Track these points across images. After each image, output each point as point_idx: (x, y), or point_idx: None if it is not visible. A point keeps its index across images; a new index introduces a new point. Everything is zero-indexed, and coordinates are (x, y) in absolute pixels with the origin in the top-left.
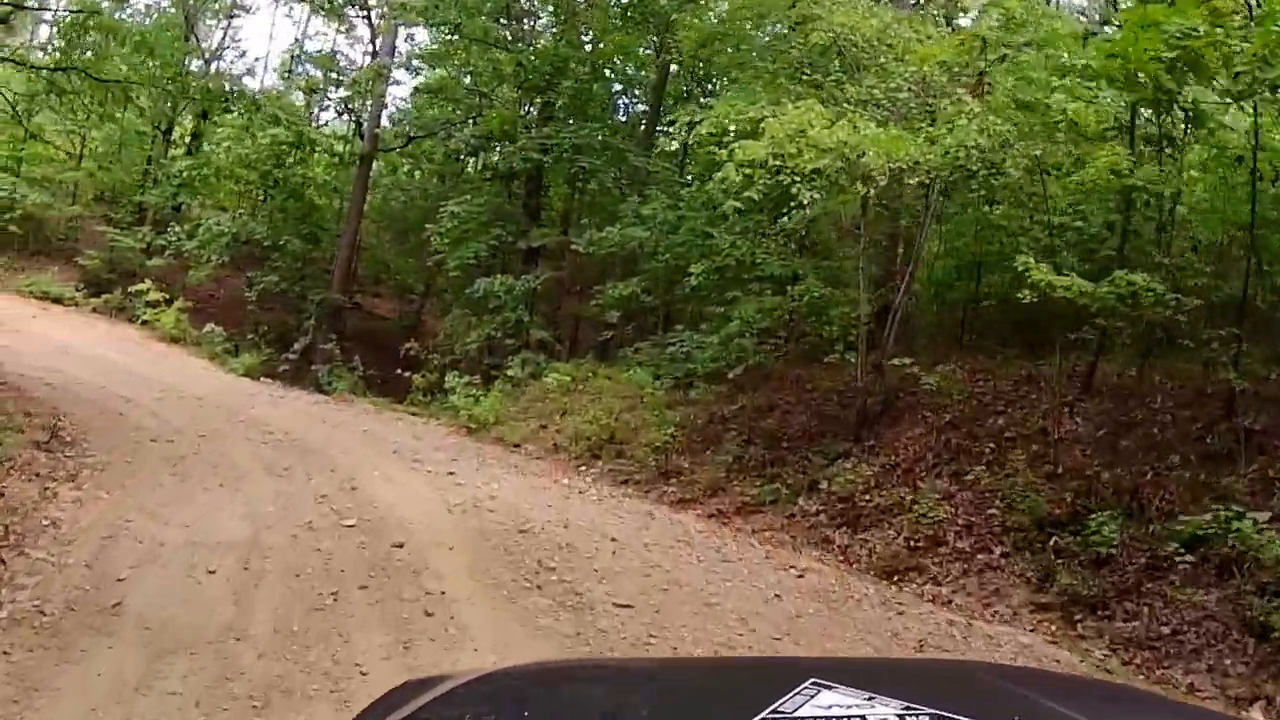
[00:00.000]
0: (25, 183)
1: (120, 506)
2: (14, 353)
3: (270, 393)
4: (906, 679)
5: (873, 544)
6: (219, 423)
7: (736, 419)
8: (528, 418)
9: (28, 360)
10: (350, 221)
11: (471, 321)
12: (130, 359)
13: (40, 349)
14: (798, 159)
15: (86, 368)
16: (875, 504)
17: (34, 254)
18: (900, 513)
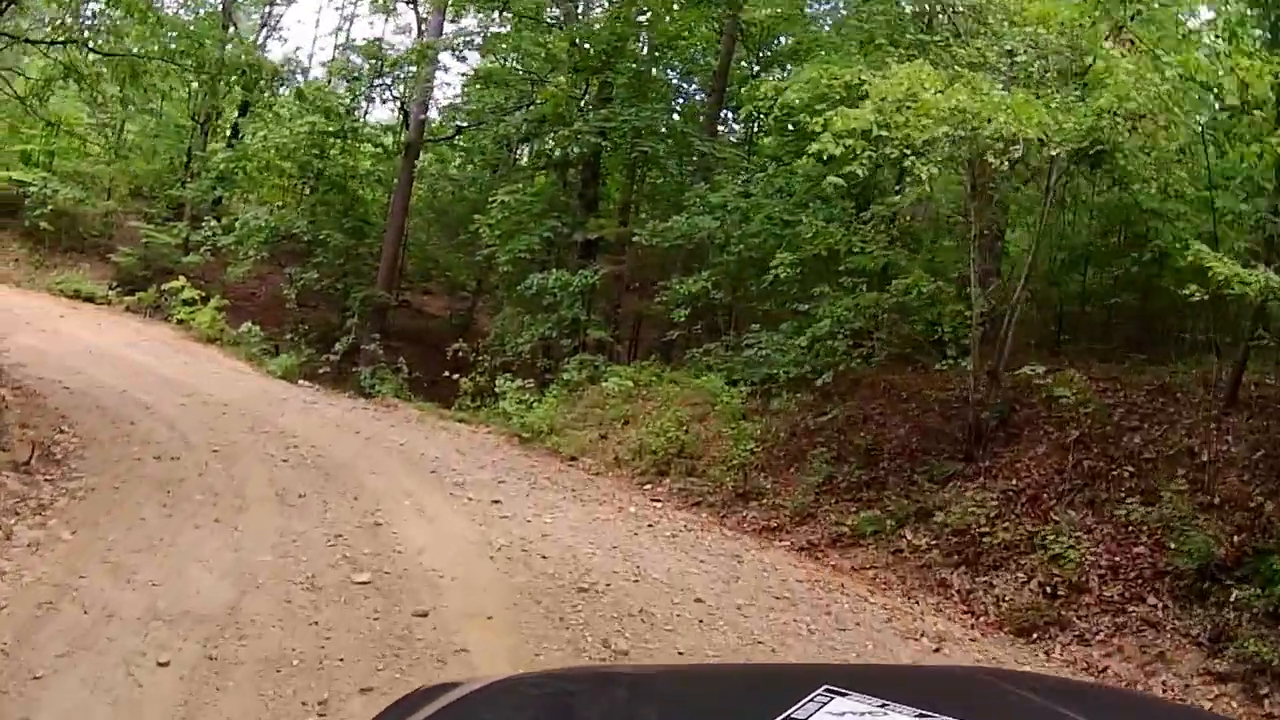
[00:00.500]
0: (57, 178)
1: (82, 554)
2: (38, 354)
3: (305, 398)
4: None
5: (1000, 590)
6: (239, 434)
7: (823, 432)
8: (585, 426)
9: (51, 362)
10: (395, 215)
11: (524, 320)
12: (159, 361)
13: (66, 350)
14: (906, 129)
15: (111, 370)
16: (998, 539)
17: (66, 251)
18: (1029, 550)
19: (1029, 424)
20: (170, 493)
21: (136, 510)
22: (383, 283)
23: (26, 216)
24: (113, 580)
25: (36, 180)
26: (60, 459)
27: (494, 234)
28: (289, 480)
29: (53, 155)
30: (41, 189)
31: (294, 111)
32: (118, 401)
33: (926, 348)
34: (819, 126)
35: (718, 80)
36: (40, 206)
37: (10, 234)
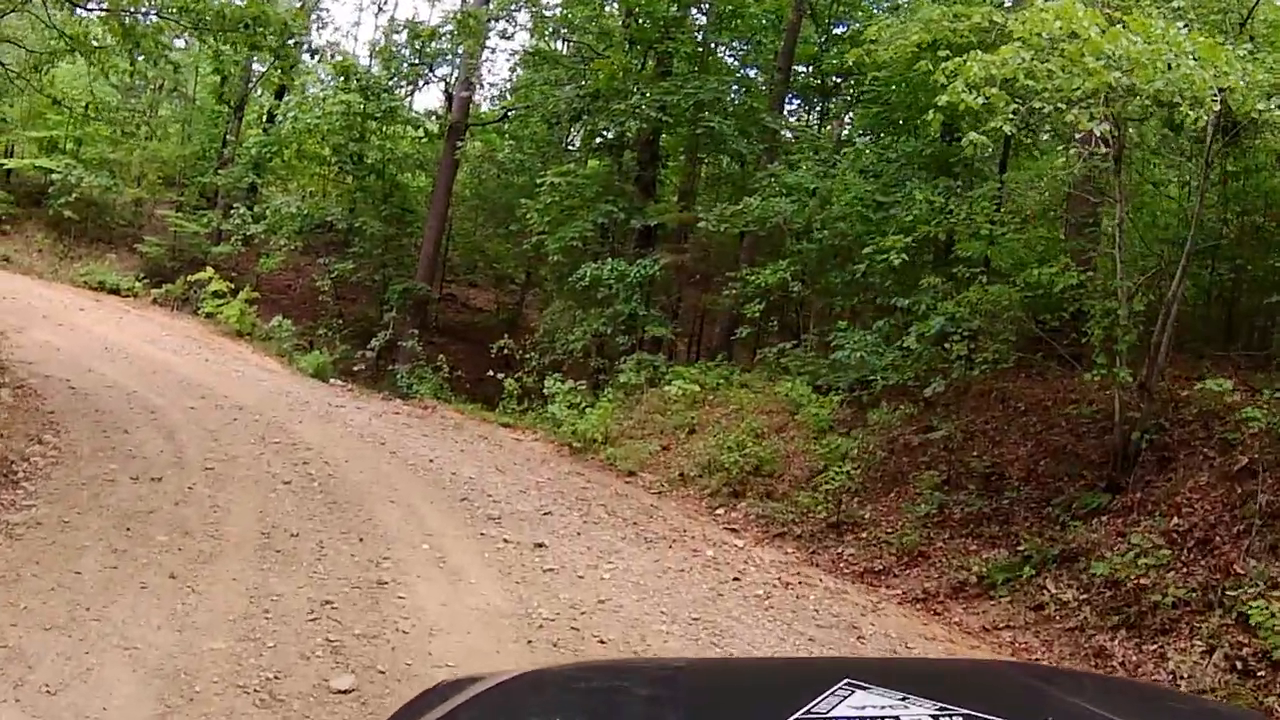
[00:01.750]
0: (82, 165)
1: None
2: (51, 350)
3: (332, 400)
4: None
5: (1175, 663)
6: (244, 446)
7: (928, 450)
8: (644, 435)
9: (63, 359)
10: (437, 202)
11: (576, 315)
12: (179, 358)
13: (82, 346)
14: (1060, 76)
15: (125, 368)
16: (1167, 595)
17: (93, 241)
18: (1206, 610)
19: (1183, 446)
20: (130, 531)
21: (77, 557)
22: (423, 274)
23: (50, 205)
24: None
25: (60, 167)
26: (19, 479)
27: (543, 220)
28: (284, 512)
29: (79, 142)
30: (65, 176)
31: (328, 92)
32: (122, 405)
33: (1057, 352)
34: (945, 76)
35: (783, 59)
36: (64, 195)
37: (35, 224)
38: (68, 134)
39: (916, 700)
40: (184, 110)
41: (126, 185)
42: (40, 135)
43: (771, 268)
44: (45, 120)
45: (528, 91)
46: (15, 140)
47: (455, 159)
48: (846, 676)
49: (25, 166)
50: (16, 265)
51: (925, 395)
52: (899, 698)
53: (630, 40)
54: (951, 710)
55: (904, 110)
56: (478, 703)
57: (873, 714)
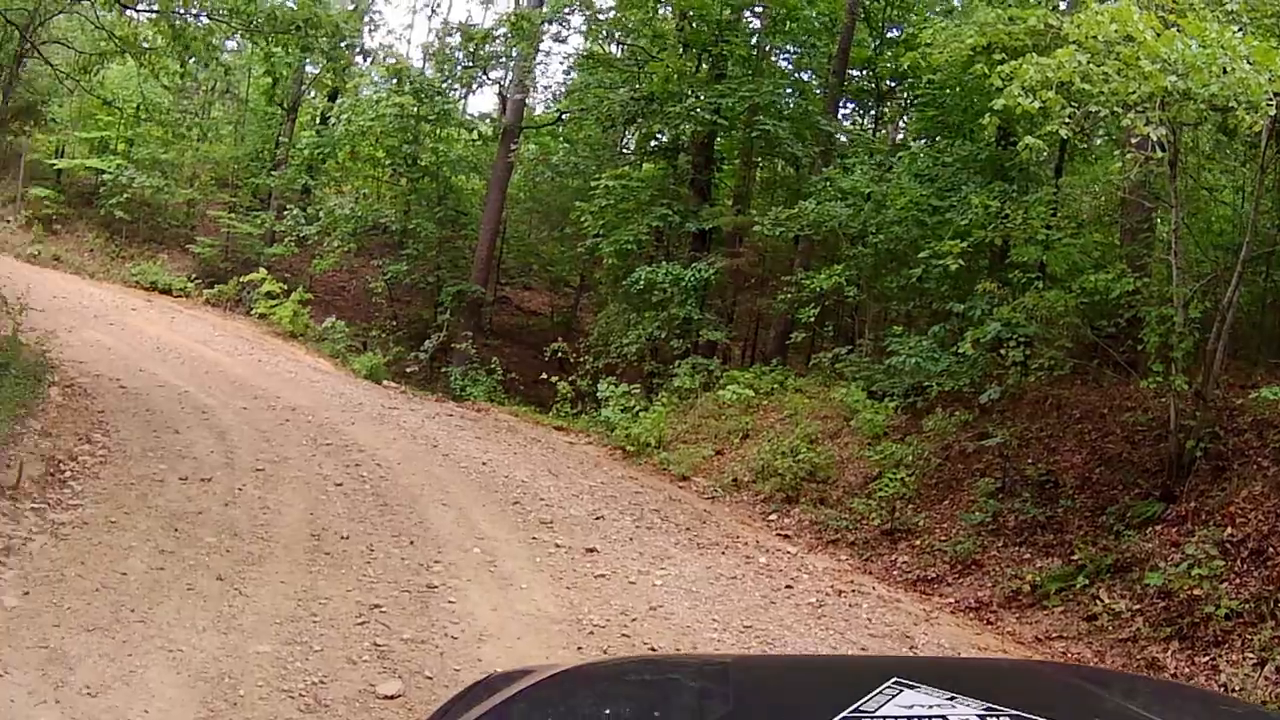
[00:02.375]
0: (134, 165)
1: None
2: (102, 349)
3: (385, 402)
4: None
5: (1228, 676)
6: (296, 448)
7: (983, 457)
8: (698, 440)
9: (114, 359)
10: (491, 204)
11: (630, 319)
12: (232, 359)
13: (133, 346)
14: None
15: (176, 368)
16: (1220, 607)
17: (145, 241)
18: (1258, 622)
19: (1238, 455)
20: (178, 532)
21: (123, 558)
22: (478, 276)
23: (102, 205)
24: (34, 684)
25: (112, 168)
26: (67, 479)
27: (597, 223)
28: (335, 514)
29: (131, 143)
30: (116, 176)
31: (380, 95)
32: (173, 405)
33: (1112, 358)
34: (1001, 79)
35: (837, 63)
36: (116, 195)
37: (86, 224)
38: (119, 135)
39: (964, 700)
40: (235, 112)
41: (179, 186)
42: (91, 136)
43: (826, 272)
44: (96, 121)
45: (581, 95)
46: (66, 141)
47: (509, 161)
48: (894, 675)
49: (76, 167)
50: (68, 265)
51: (980, 402)
52: (946, 697)
53: (684, 44)
54: (999, 710)
55: (959, 114)
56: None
57: (920, 713)
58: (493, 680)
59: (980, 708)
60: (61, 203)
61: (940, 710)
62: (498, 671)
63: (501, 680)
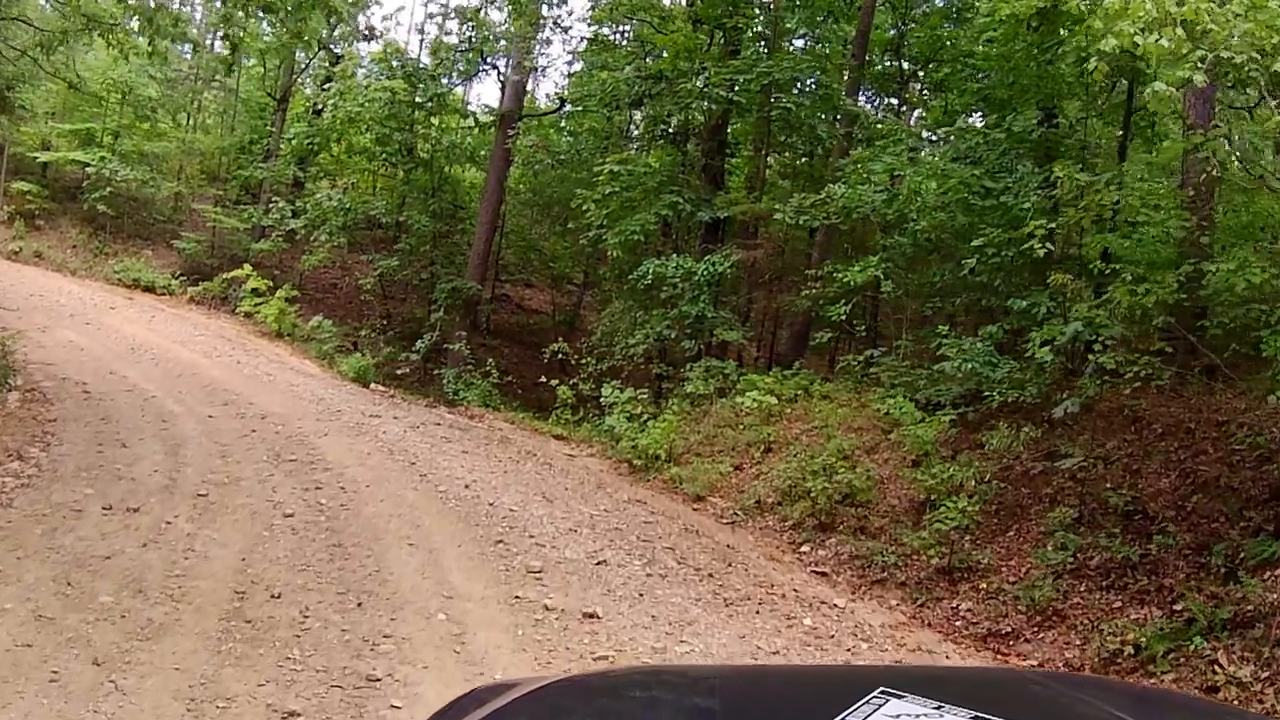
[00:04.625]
0: (118, 157)
1: None
2: (74, 350)
3: (368, 409)
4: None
5: None
6: (254, 465)
7: (1051, 481)
8: (714, 453)
9: (84, 360)
10: (489, 195)
11: (636, 317)
12: (210, 360)
13: (107, 347)
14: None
15: (149, 371)
16: None
17: (130, 237)
18: None
19: None
20: (70, 587)
21: None
22: (474, 272)
23: (85, 200)
24: None
25: (95, 161)
26: None
27: (601, 213)
28: (274, 558)
29: (117, 135)
30: (99, 169)
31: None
32: (134, 412)
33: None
34: (1104, 19)
35: (857, 45)
36: (99, 189)
37: (70, 219)
38: (104, 127)
39: (951, 709)
40: (223, 101)
41: (165, 179)
42: (77, 128)
43: (861, 264)
44: (81, 112)
45: (585, 79)
46: (51, 134)
47: (507, 148)
48: (881, 685)
49: (60, 159)
50: (49, 262)
51: (1053, 415)
52: (934, 706)
53: (695, 20)
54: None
55: (1004, 89)
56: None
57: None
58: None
59: (968, 717)
60: (45, 197)
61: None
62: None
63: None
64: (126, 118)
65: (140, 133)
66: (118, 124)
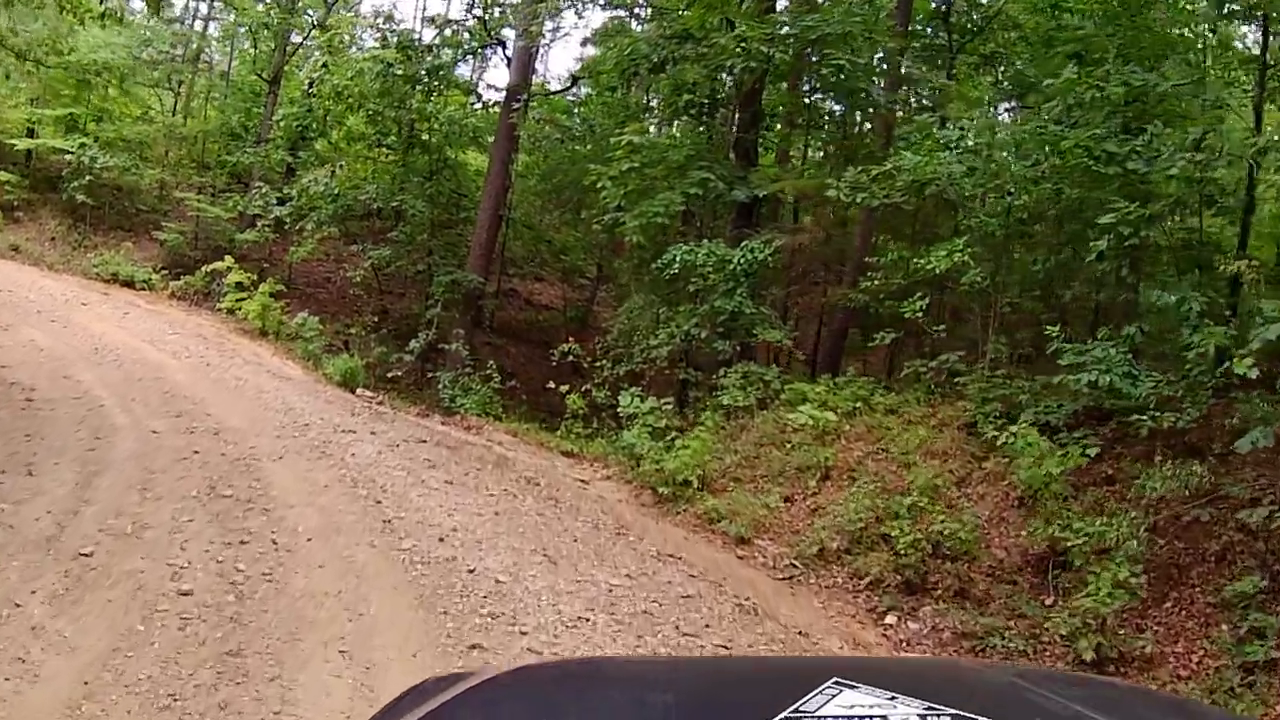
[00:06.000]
0: (98, 144)
1: None
2: (33, 352)
3: (343, 420)
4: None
5: None
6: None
7: (1220, 533)
8: (756, 479)
9: (40, 363)
10: (492, 178)
11: (659, 313)
12: (178, 361)
13: (70, 347)
14: None
15: (107, 374)
16: None
17: (111, 229)
18: None
19: None
20: None
21: None
22: (476, 264)
23: (65, 190)
24: None
25: (75, 147)
26: None
27: (618, 193)
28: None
29: (100, 119)
30: (79, 157)
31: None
32: (69, 426)
33: None
34: None
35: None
36: (78, 178)
37: (49, 210)
38: (86, 112)
39: (904, 700)
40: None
41: (149, 167)
42: (59, 113)
43: (945, 248)
44: (61, 97)
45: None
46: (33, 119)
47: (512, 124)
48: (834, 676)
49: (40, 147)
50: (26, 255)
51: (1238, 448)
52: (887, 697)
53: None
54: (939, 710)
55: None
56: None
57: (861, 713)
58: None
59: (921, 707)
60: (24, 187)
61: (881, 710)
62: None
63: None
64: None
65: (124, 117)
66: (100, 108)
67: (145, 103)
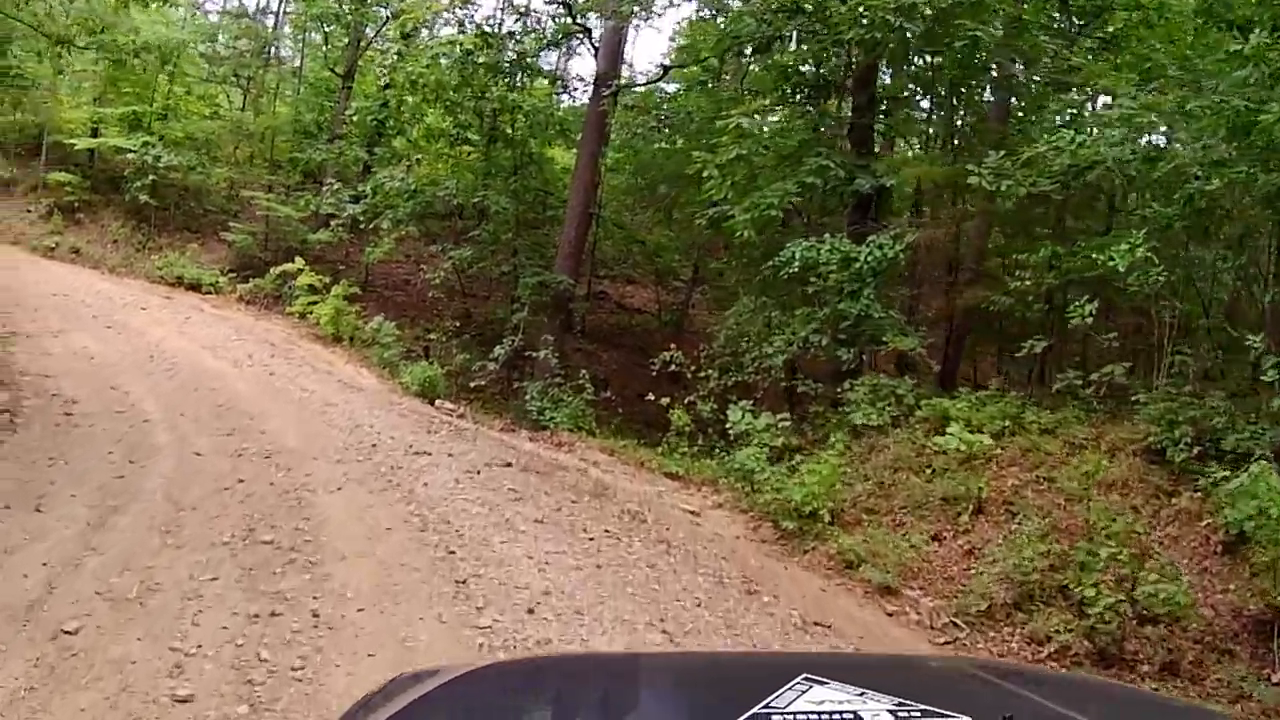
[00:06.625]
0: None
1: None
2: (83, 359)
3: (417, 439)
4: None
5: None
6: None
7: None
8: (894, 513)
9: (90, 371)
10: (581, 173)
11: (772, 317)
12: (239, 370)
13: (123, 354)
14: None
15: (159, 385)
16: None
17: (178, 230)
18: None
19: None
20: None
21: None
22: (565, 264)
23: (128, 190)
24: None
25: (137, 146)
26: None
27: (724, 183)
28: None
29: (165, 116)
30: (142, 156)
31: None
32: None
33: None
34: None
35: None
36: (141, 177)
37: (111, 212)
38: (151, 110)
39: (874, 695)
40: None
41: (218, 165)
42: (123, 111)
43: (1127, 240)
44: (125, 95)
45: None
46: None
47: (602, 113)
48: (804, 672)
49: (100, 145)
50: (86, 258)
51: None
52: (856, 693)
53: None
54: (910, 705)
55: None
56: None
57: (831, 709)
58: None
59: (891, 703)
60: (85, 188)
61: (851, 706)
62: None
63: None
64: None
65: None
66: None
67: (213, 100)
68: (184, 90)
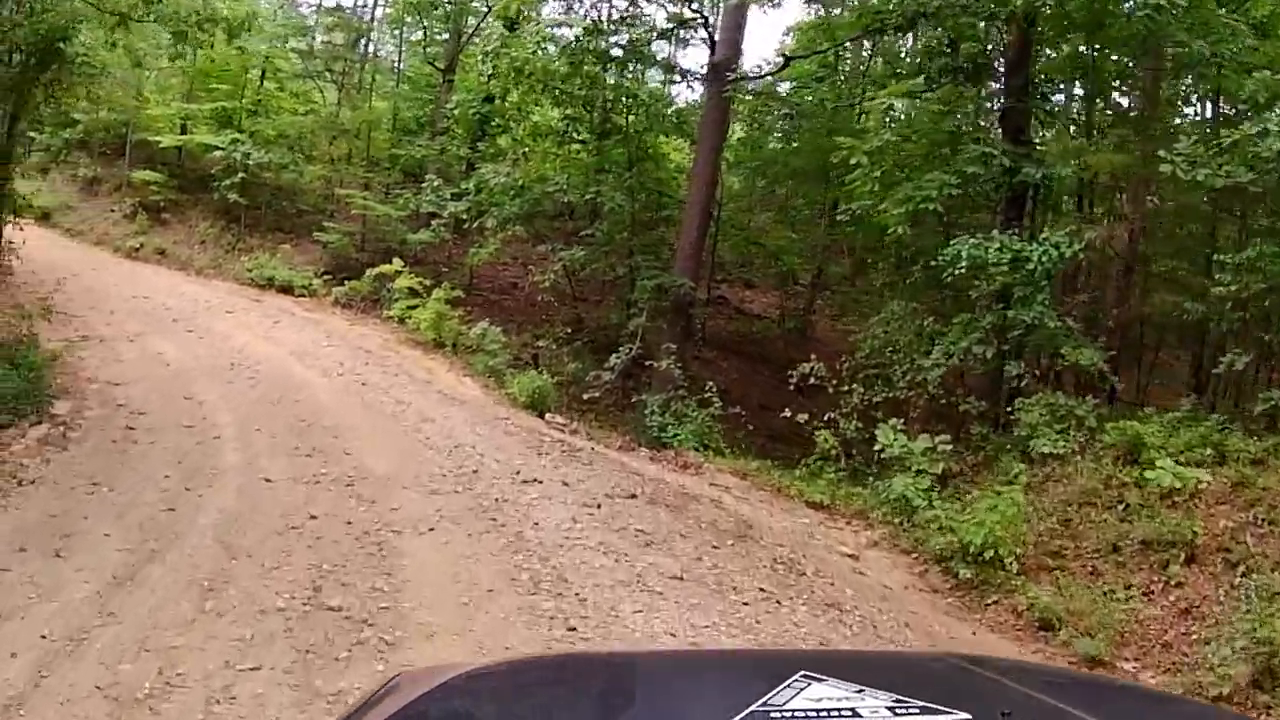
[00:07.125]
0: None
1: None
2: (157, 365)
3: (525, 464)
4: (895, 672)
5: None
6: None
7: None
8: (1084, 557)
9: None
10: (700, 169)
11: (925, 325)
12: (327, 380)
13: (200, 360)
14: None
15: (238, 395)
16: None
17: (270, 230)
18: None
19: None
20: None
21: None
22: (684, 267)
23: (216, 189)
24: None
25: (226, 144)
26: None
27: (871, 173)
28: None
29: (254, 112)
30: (231, 153)
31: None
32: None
33: None
34: None
35: None
36: (230, 176)
37: (199, 211)
38: (239, 106)
39: (872, 692)
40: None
41: (311, 164)
42: (212, 107)
43: None
44: (214, 91)
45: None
46: (180, 115)
47: (724, 104)
48: (802, 670)
49: (188, 143)
50: (172, 259)
51: None
52: (855, 690)
53: None
54: (908, 702)
55: None
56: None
57: (830, 706)
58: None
59: (889, 699)
60: (172, 187)
61: (849, 703)
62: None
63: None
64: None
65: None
66: (254, 100)
67: (307, 96)
68: (276, 86)
